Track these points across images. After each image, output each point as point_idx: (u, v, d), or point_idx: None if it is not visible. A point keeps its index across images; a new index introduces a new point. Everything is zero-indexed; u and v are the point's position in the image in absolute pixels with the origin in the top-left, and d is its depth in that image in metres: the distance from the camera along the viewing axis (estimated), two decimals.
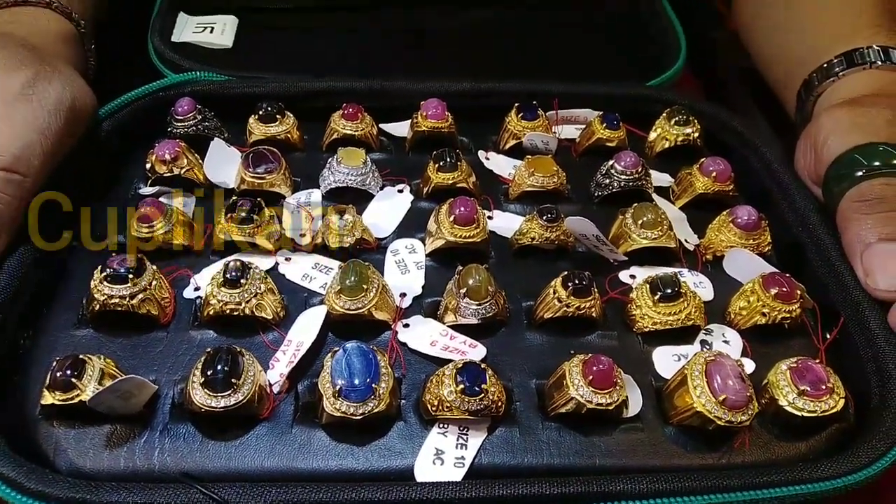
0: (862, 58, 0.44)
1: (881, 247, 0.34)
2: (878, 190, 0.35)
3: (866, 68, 0.44)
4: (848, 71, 0.44)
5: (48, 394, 0.30)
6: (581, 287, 0.34)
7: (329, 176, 0.41)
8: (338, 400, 0.29)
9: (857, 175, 0.36)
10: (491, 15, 0.60)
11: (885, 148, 0.36)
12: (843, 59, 0.45)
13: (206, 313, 0.33)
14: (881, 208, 0.35)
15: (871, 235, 0.35)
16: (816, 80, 0.46)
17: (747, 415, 0.30)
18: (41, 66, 0.38)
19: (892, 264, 0.34)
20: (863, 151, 0.37)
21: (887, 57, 0.44)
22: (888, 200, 0.35)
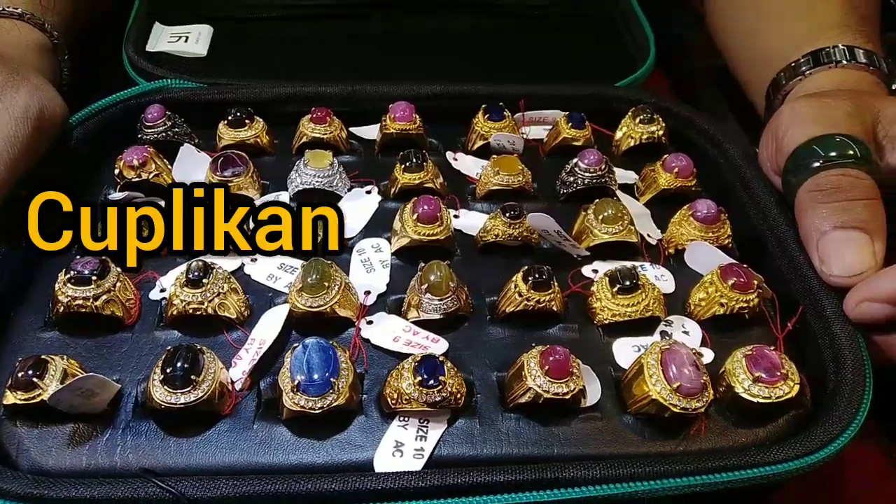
0: (828, 57, 0.45)
1: (836, 234, 0.35)
2: (833, 180, 0.36)
3: (832, 67, 0.45)
4: (814, 69, 0.45)
5: (10, 394, 0.30)
6: (541, 281, 0.34)
7: (296, 178, 0.41)
8: (297, 394, 0.30)
9: (814, 166, 0.37)
10: (465, 21, 0.61)
11: (841, 139, 0.37)
12: (809, 58, 0.46)
13: (171, 313, 0.34)
14: (836, 197, 0.36)
15: (827, 224, 0.35)
16: (784, 78, 0.46)
17: (702, 402, 0.30)
18: (9, 76, 0.38)
19: (847, 251, 0.34)
20: (820, 143, 0.37)
21: (852, 56, 0.45)
22: (843, 190, 0.36)
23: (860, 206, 0.35)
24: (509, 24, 0.60)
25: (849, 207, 0.35)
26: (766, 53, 0.49)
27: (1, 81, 0.38)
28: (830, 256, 0.35)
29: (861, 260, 0.34)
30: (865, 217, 0.35)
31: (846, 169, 0.36)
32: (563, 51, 0.58)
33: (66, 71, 0.49)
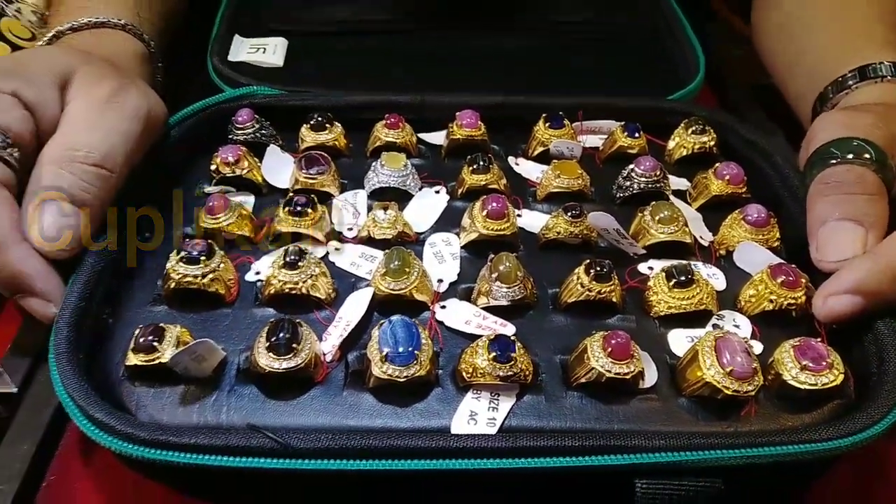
0: (874, 72, 0.48)
1: (833, 224, 0.38)
2: (839, 174, 0.39)
3: (878, 81, 0.47)
4: (861, 84, 0.48)
5: (132, 356, 0.34)
6: (602, 273, 0.37)
7: (373, 177, 0.45)
8: (384, 364, 0.33)
9: (830, 163, 0.40)
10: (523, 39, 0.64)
11: (859, 142, 0.40)
12: (856, 72, 0.48)
13: (267, 292, 0.38)
14: (839, 190, 0.39)
15: (827, 215, 0.38)
16: (831, 92, 0.49)
17: (753, 385, 0.33)
18: (122, 80, 0.43)
19: (840, 240, 0.37)
20: (839, 144, 0.40)
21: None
22: (847, 184, 0.38)
23: (861, 200, 0.38)
24: (562, 41, 0.64)
25: (849, 200, 0.38)
26: (813, 69, 0.52)
27: (116, 85, 0.42)
28: (825, 244, 0.38)
29: (852, 249, 0.37)
30: (864, 210, 0.38)
31: (852, 165, 0.39)
32: (615, 66, 0.61)
33: (160, 77, 0.54)
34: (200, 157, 0.47)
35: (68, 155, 0.38)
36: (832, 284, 0.36)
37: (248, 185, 0.45)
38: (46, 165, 0.38)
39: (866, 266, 0.36)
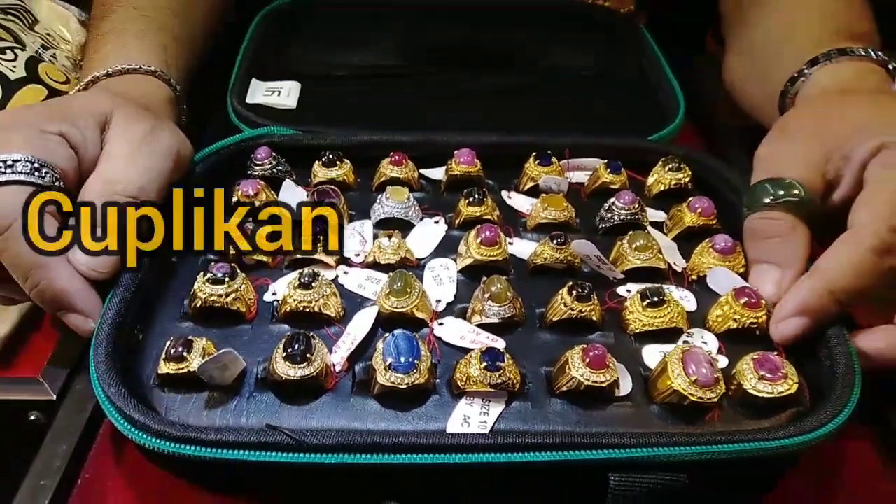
0: (824, 58, 0.54)
1: (755, 268, 0.45)
2: (754, 224, 0.45)
3: (825, 65, 0.53)
4: (812, 70, 0.54)
5: (164, 365, 0.38)
6: (583, 294, 0.42)
7: (379, 209, 0.50)
8: (388, 372, 0.37)
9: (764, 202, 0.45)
10: (515, 79, 0.70)
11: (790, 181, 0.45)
12: (807, 64, 0.54)
13: (283, 311, 0.42)
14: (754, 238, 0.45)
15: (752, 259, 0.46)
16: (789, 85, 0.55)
17: (715, 393, 0.37)
18: (155, 121, 0.48)
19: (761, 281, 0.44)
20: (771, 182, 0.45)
21: (842, 53, 0.53)
22: (758, 231, 0.45)
23: (772, 244, 0.44)
24: (552, 82, 0.69)
25: (763, 246, 0.45)
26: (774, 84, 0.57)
27: (149, 126, 0.47)
28: (754, 283, 0.44)
29: (767, 289, 0.43)
30: (776, 252, 0.44)
31: (766, 212, 0.45)
32: (600, 107, 0.66)
33: (184, 118, 0.59)
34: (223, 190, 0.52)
35: (108, 189, 0.42)
36: (780, 310, 0.42)
37: None
38: (89, 198, 0.42)
39: (806, 287, 0.41)
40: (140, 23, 0.59)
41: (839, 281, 0.40)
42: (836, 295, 0.40)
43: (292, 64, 0.69)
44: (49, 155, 0.41)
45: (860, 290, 0.40)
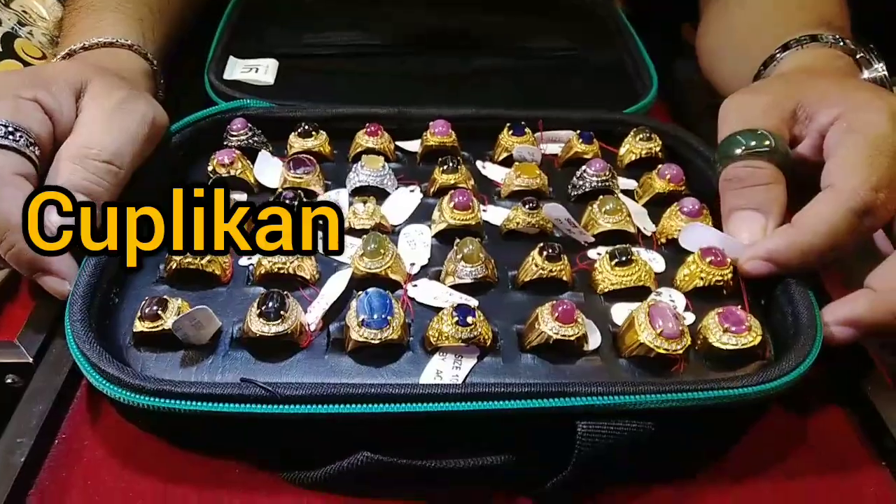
0: (795, 43, 0.55)
1: (736, 215, 0.45)
2: (737, 171, 0.45)
3: (797, 49, 0.55)
4: (784, 54, 0.55)
5: (139, 323, 0.39)
6: (554, 255, 0.43)
7: (354, 177, 0.51)
8: (361, 328, 0.38)
9: (735, 153, 0.45)
10: (492, 61, 0.71)
11: (761, 132, 0.45)
12: (780, 48, 0.56)
13: (258, 273, 0.43)
14: (737, 185, 0.45)
15: (730, 207, 0.45)
16: (762, 67, 0.56)
17: (681, 344, 0.38)
18: (130, 90, 0.48)
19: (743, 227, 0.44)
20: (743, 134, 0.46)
21: (814, 39, 0.55)
22: (743, 179, 0.45)
23: (758, 191, 0.44)
24: (530, 64, 0.70)
25: (747, 193, 0.45)
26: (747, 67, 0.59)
27: (125, 94, 0.47)
28: (735, 232, 0.45)
29: (752, 234, 0.44)
30: (760, 199, 0.44)
31: (749, 160, 0.45)
32: (579, 88, 0.67)
33: (161, 92, 0.60)
34: (197, 161, 0.53)
35: (82, 153, 0.43)
36: (753, 250, 0.43)
37: (242, 184, 0.51)
38: (63, 161, 0.43)
39: (782, 237, 0.42)
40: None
41: (815, 237, 0.41)
42: (807, 254, 0.41)
43: (270, 42, 0.69)
44: (24, 119, 0.42)
45: (835, 248, 0.41)
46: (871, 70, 0.54)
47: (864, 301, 0.40)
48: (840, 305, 0.41)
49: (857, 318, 0.40)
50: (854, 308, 0.40)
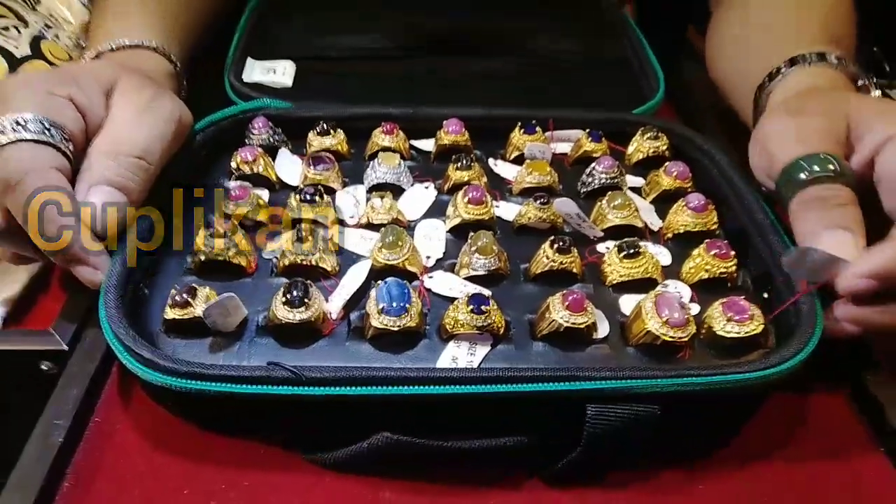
0: (803, 59, 0.56)
1: (826, 234, 0.42)
2: (818, 191, 0.44)
3: (806, 66, 0.55)
4: (792, 69, 0.55)
5: (170, 311, 0.41)
6: (564, 247, 0.44)
7: (371, 174, 0.52)
8: (381, 316, 0.40)
9: (801, 178, 0.44)
10: (502, 63, 0.73)
11: (825, 156, 0.45)
12: (788, 62, 0.56)
13: (282, 264, 0.45)
14: (822, 206, 0.43)
15: (818, 227, 0.43)
16: (767, 80, 0.57)
17: (686, 332, 0.40)
18: (157, 89, 0.50)
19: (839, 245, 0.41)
20: (806, 160, 0.45)
21: (822, 58, 0.55)
22: (826, 199, 0.43)
23: (842, 210, 0.43)
24: (539, 65, 0.72)
25: (832, 212, 0.43)
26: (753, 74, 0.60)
27: (152, 93, 0.49)
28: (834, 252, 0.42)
29: (848, 252, 0.41)
30: (847, 218, 0.42)
31: (827, 185, 0.44)
32: (587, 89, 0.69)
33: (184, 92, 0.62)
34: (220, 159, 0.55)
35: (114, 148, 0.45)
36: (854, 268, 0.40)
37: (264, 181, 0.53)
38: (96, 157, 0.45)
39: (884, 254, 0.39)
40: (143, 1, 0.61)
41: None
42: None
43: (287, 45, 0.71)
44: (58, 116, 0.44)
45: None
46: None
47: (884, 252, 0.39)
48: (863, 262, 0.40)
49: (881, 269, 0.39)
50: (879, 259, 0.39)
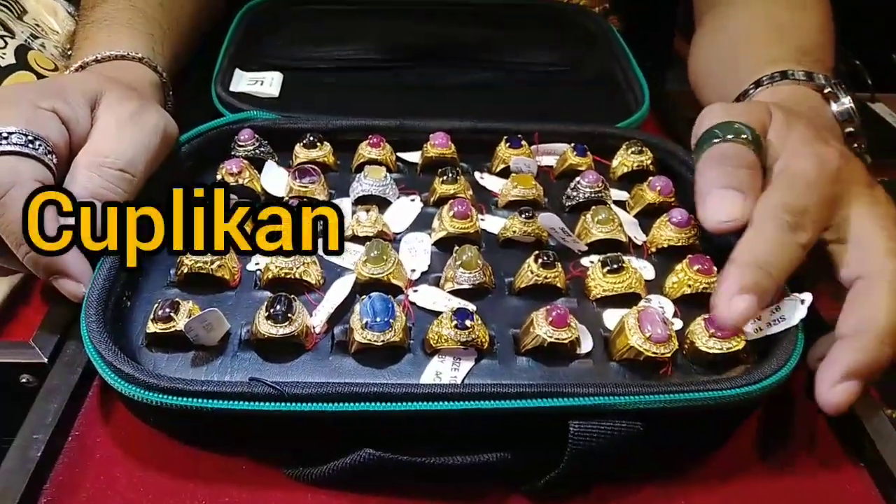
0: (768, 79, 0.57)
1: (718, 192, 0.43)
2: (724, 149, 0.45)
3: (767, 87, 0.57)
4: (757, 91, 0.57)
5: (152, 325, 0.40)
6: (548, 262, 0.45)
7: (357, 187, 0.53)
8: (364, 331, 0.40)
9: (714, 142, 0.46)
10: (488, 75, 0.73)
11: (738, 125, 0.46)
12: (776, 74, 0.57)
13: (266, 277, 0.44)
14: (723, 163, 0.45)
15: (713, 185, 0.44)
16: (751, 91, 0.58)
17: (668, 348, 0.40)
18: (142, 101, 0.50)
19: (727, 205, 0.43)
20: (721, 126, 0.47)
21: (809, 77, 0.57)
22: (729, 158, 0.45)
23: (740, 172, 0.44)
24: (525, 78, 0.72)
25: (731, 173, 0.44)
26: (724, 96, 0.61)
27: (137, 105, 0.49)
28: (710, 207, 0.44)
29: (732, 212, 0.43)
30: (742, 181, 0.44)
31: (736, 144, 0.46)
32: (572, 101, 0.70)
33: (170, 103, 0.62)
34: (206, 170, 0.55)
35: (98, 161, 0.45)
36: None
37: (249, 193, 0.52)
38: (80, 169, 0.44)
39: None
40: (129, 13, 0.62)
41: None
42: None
43: (274, 56, 0.71)
44: (42, 129, 0.44)
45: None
46: (839, 104, 0.56)
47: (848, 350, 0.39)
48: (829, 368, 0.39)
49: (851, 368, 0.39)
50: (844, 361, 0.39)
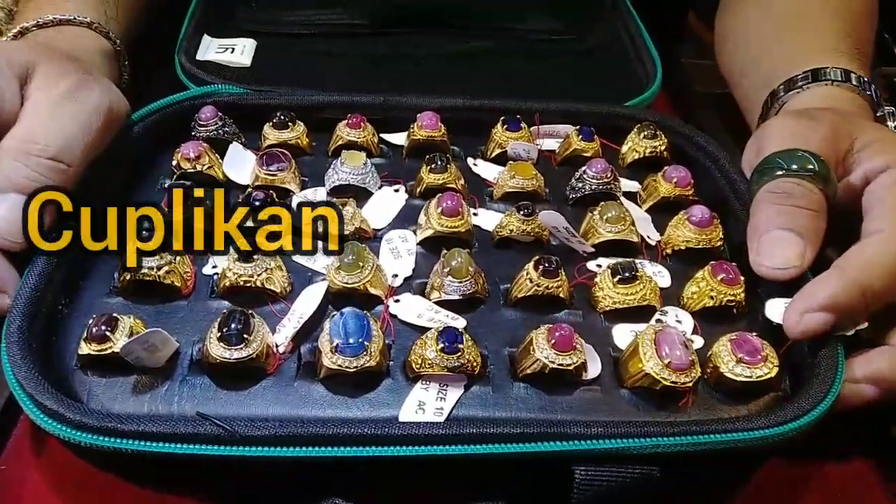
0: (825, 75, 0.50)
1: (776, 233, 0.39)
2: (788, 186, 0.41)
3: (828, 84, 0.50)
4: (811, 84, 0.50)
5: (85, 345, 0.34)
6: (550, 269, 0.39)
7: (333, 175, 0.46)
8: (335, 355, 0.34)
9: (777, 174, 0.41)
10: (487, 44, 0.66)
11: (804, 154, 0.41)
12: (809, 74, 0.51)
13: (223, 285, 0.38)
14: (786, 202, 0.40)
15: (772, 224, 0.39)
16: (783, 90, 0.51)
17: (690, 377, 0.35)
18: (83, 76, 0.43)
19: (781, 249, 0.39)
20: (787, 154, 0.42)
21: (847, 78, 0.50)
22: (793, 196, 0.40)
23: (803, 214, 0.39)
24: (527, 47, 0.65)
25: (793, 213, 0.40)
26: (768, 70, 0.54)
27: (77, 80, 0.42)
28: (767, 250, 0.39)
29: (790, 258, 0.38)
30: (805, 224, 0.39)
31: (802, 181, 0.41)
32: (576, 74, 0.63)
33: (126, 75, 0.55)
34: (164, 153, 0.48)
35: (25, 147, 0.38)
36: (804, 302, 0.36)
37: (209, 181, 0.46)
38: (3, 158, 0.38)
39: (836, 281, 0.36)
40: None
41: (871, 279, 0.36)
42: (867, 295, 0.36)
43: (246, 20, 0.64)
44: None
45: (889, 293, 0.37)
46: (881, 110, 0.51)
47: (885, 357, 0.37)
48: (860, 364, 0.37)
49: (879, 375, 0.36)
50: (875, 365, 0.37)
